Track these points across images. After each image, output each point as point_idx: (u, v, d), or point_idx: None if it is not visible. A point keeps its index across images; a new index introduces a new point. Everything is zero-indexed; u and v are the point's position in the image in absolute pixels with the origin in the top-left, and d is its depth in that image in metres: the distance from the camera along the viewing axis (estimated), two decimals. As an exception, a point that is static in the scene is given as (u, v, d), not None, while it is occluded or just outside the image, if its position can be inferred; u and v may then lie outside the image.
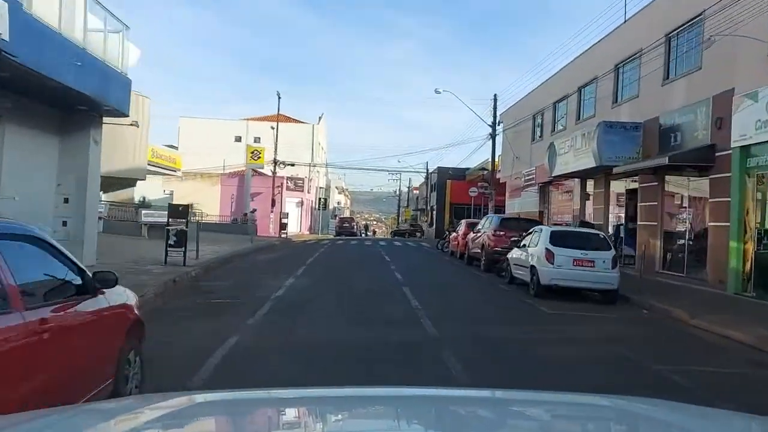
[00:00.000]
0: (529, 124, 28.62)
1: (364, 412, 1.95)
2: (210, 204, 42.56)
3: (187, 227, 14.28)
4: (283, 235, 34.38)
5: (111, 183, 32.25)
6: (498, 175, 33.29)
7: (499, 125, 31.35)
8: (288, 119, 56.23)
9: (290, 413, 2.00)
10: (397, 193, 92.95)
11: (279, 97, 43.44)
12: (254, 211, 35.54)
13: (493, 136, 30.85)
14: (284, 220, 34.70)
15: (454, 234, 24.56)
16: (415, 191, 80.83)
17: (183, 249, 14.10)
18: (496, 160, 32.97)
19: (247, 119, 55.07)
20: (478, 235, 18.95)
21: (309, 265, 17.14)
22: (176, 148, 55.95)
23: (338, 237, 50.42)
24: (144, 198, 25.88)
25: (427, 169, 60.53)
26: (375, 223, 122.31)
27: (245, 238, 25.71)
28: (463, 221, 23.51)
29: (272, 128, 42.50)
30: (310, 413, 1.94)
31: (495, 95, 30.92)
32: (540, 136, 27.73)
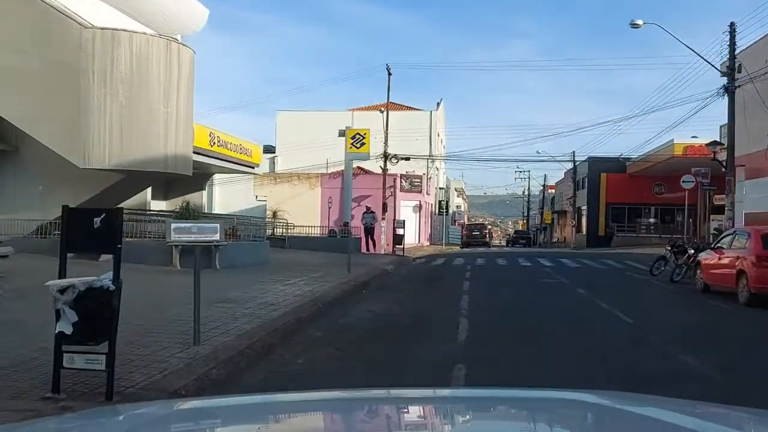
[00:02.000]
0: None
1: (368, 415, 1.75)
2: (309, 212, 33.96)
3: (115, 282, 4.61)
4: (397, 252, 24.57)
5: (171, 185, 24.22)
6: (719, 155, 21.12)
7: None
8: (400, 107, 46.76)
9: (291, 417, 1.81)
10: (525, 192, 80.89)
11: (389, 74, 33.95)
12: (370, 212, 25.60)
13: (730, 87, 19.05)
14: (399, 231, 24.81)
15: (708, 257, 13.33)
16: (550, 190, 68.32)
17: (108, 349, 4.51)
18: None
19: (353, 109, 46.24)
20: None
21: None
22: (273, 149, 48.64)
23: (466, 248, 40.21)
24: (187, 203, 17.05)
25: (574, 160, 48.18)
26: (489, 227, 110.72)
27: (343, 260, 16.14)
28: (751, 231, 12.17)
29: (381, 111, 33.07)
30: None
31: (732, 23, 19.15)
32: None
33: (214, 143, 19.01)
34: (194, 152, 18.13)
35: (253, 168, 22.92)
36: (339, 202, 29.99)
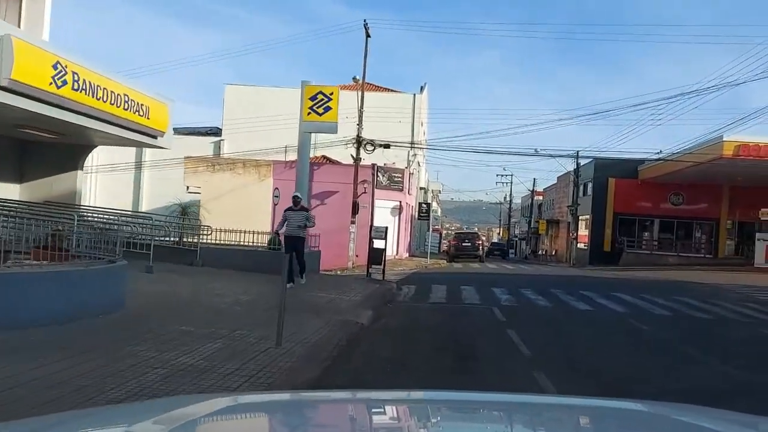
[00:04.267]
0: None
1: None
2: (257, 210, 25.81)
3: None
4: (374, 274, 16.49)
5: (27, 160, 15.69)
6: None
7: None
8: (377, 88, 38.73)
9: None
10: (507, 198, 73.51)
11: (368, 35, 25.92)
12: (297, 208, 16.91)
13: None
14: (378, 243, 16.69)
15: None
16: (538, 196, 61.17)
17: None
18: None
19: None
20: None
21: None
22: (219, 131, 39.94)
23: (456, 263, 32.56)
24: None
25: (577, 161, 40.67)
26: (483, 237, 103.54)
27: (274, 297, 7.89)
28: None
29: (355, 80, 25.07)
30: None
31: None
32: None
33: (64, 83, 10.67)
34: (19, 93, 9.81)
35: (155, 138, 14.51)
36: (288, 197, 21.71)
